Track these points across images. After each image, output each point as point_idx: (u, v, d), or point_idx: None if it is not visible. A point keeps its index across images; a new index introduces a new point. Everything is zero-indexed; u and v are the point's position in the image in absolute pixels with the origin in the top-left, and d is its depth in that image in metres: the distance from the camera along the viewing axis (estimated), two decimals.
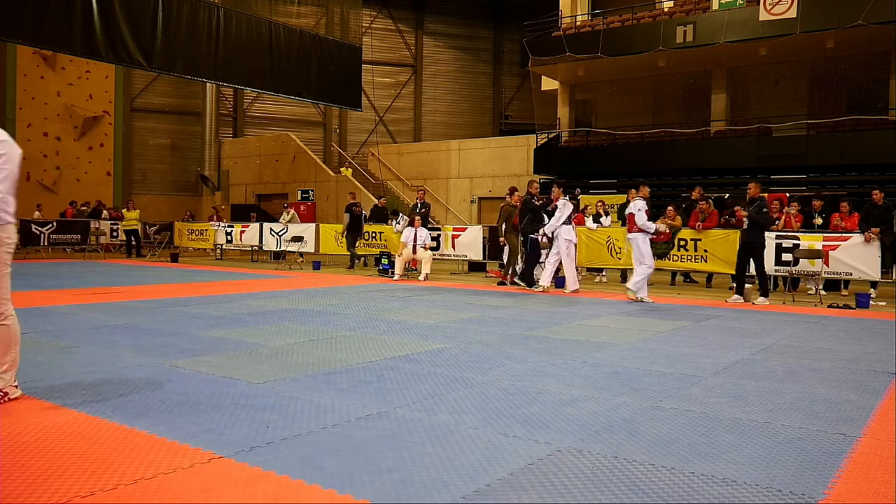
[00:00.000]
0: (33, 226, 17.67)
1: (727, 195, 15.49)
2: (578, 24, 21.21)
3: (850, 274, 10.28)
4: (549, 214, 10.69)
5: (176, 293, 9.28)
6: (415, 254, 12.47)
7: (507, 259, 11.82)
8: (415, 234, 12.43)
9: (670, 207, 11.87)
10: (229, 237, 18.53)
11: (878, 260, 10.01)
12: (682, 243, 11.51)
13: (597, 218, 13.13)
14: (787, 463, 2.82)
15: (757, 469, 2.74)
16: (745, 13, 17.08)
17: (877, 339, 6.28)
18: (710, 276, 12.06)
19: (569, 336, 6.07)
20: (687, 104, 20.94)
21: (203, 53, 16.23)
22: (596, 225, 12.79)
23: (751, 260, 9.50)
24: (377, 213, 16.12)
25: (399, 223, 14.54)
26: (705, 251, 11.29)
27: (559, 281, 10.76)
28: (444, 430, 3.19)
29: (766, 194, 16.08)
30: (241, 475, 2.57)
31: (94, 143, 24.93)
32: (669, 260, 11.60)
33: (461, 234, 14.34)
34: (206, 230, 19.31)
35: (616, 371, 4.57)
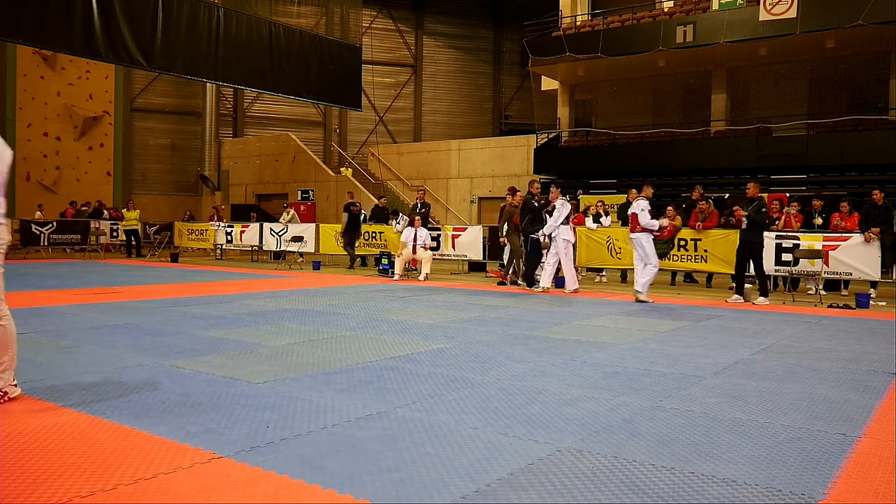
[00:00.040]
0: (33, 226, 17.66)
1: (727, 195, 15.48)
2: (578, 24, 21.21)
3: (850, 274, 10.28)
4: (548, 214, 10.69)
5: (176, 293, 9.28)
6: (415, 254, 12.47)
7: (508, 259, 11.83)
8: (415, 234, 12.43)
9: (670, 207, 11.87)
10: (229, 237, 18.53)
11: (878, 260, 10.01)
12: (682, 243, 11.51)
13: (597, 218, 13.12)
14: (787, 463, 2.82)
15: (757, 469, 2.74)
16: (745, 13, 17.08)
17: (877, 339, 6.28)
18: (709, 276, 12.06)
19: (569, 336, 6.07)
20: (687, 104, 20.94)
21: (203, 53, 16.23)
22: (596, 225, 12.79)
23: (750, 260, 9.51)
24: (378, 213, 16.11)
25: (399, 223, 14.54)
26: (705, 251, 11.29)
27: (559, 281, 10.76)
28: (444, 430, 3.19)
29: (767, 194, 16.13)
30: (241, 475, 2.58)
31: (94, 143, 24.93)
32: (669, 260, 11.60)
33: (461, 234, 14.34)
34: (206, 230, 19.31)
35: (616, 371, 4.57)
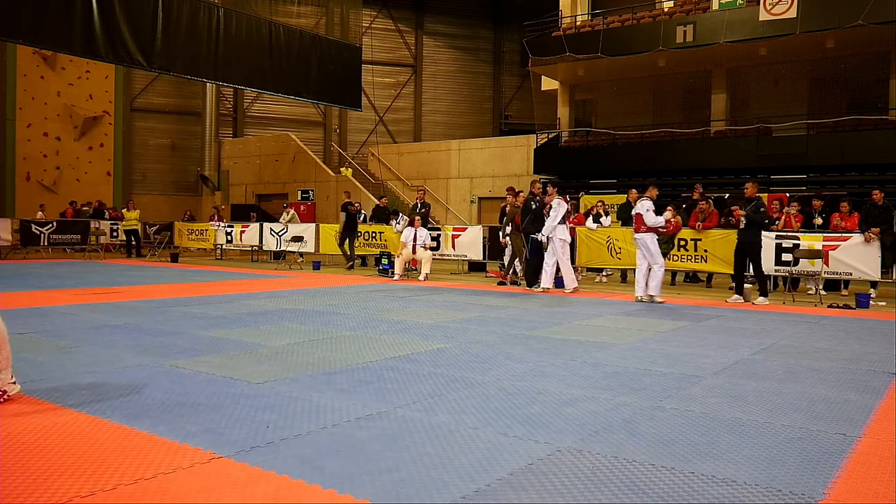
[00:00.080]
0: (33, 226, 17.66)
1: (727, 195, 15.49)
2: (578, 24, 21.20)
3: (850, 274, 10.28)
4: (546, 214, 10.67)
5: (176, 293, 9.28)
6: (414, 254, 12.47)
7: (509, 259, 11.81)
8: (415, 234, 12.43)
9: (670, 207, 11.86)
10: (229, 237, 18.53)
11: (878, 260, 10.01)
12: (682, 243, 11.51)
13: (597, 218, 13.12)
14: (787, 463, 2.82)
15: (757, 469, 2.74)
16: (745, 13, 17.07)
17: (877, 339, 6.28)
18: (709, 276, 12.06)
19: (569, 336, 6.07)
20: (687, 104, 20.93)
21: (203, 53, 16.23)
22: (596, 225, 12.78)
23: (748, 260, 9.51)
24: (379, 213, 16.11)
25: (399, 223, 14.54)
26: (705, 251, 11.29)
27: (558, 281, 10.75)
28: (444, 430, 3.19)
29: (767, 194, 16.15)
30: (241, 475, 2.58)
31: (94, 143, 24.92)
32: (670, 260, 11.58)
33: (461, 234, 14.34)
34: (206, 230, 19.31)
35: (616, 371, 4.57)
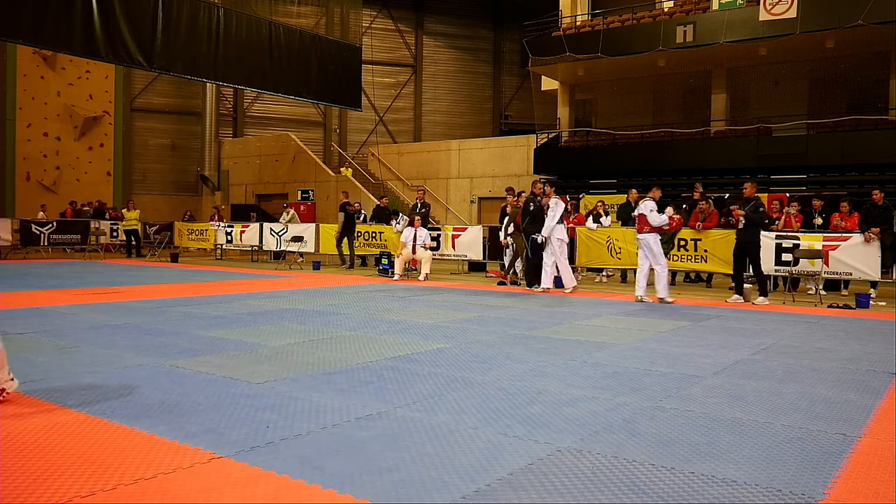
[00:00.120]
0: (33, 226, 17.66)
1: (727, 195, 15.49)
2: (578, 24, 21.20)
3: (850, 274, 10.28)
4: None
5: (176, 293, 9.28)
6: (414, 254, 12.47)
7: (511, 259, 11.79)
8: (414, 234, 12.43)
9: (670, 207, 11.85)
10: (229, 237, 18.53)
11: (878, 260, 10.01)
12: (682, 243, 11.51)
13: (597, 218, 13.12)
14: (787, 463, 2.82)
15: (757, 469, 2.74)
16: (745, 13, 17.07)
17: (877, 339, 6.28)
18: (710, 275, 12.06)
19: (569, 336, 6.07)
20: (687, 104, 20.93)
21: (203, 53, 16.22)
22: (596, 225, 12.79)
23: (747, 260, 9.51)
24: (379, 213, 16.11)
25: (399, 223, 14.54)
26: (705, 251, 11.29)
27: (558, 281, 10.75)
28: (444, 430, 3.19)
29: (767, 194, 16.15)
30: (241, 475, 2.58)
31: (94, 143, 24.92)
32: (670, 260, 11.57)
33: (461, 234, 14.34)
34: (206, 230, 19.31)
35: (616, 371, 4.57)
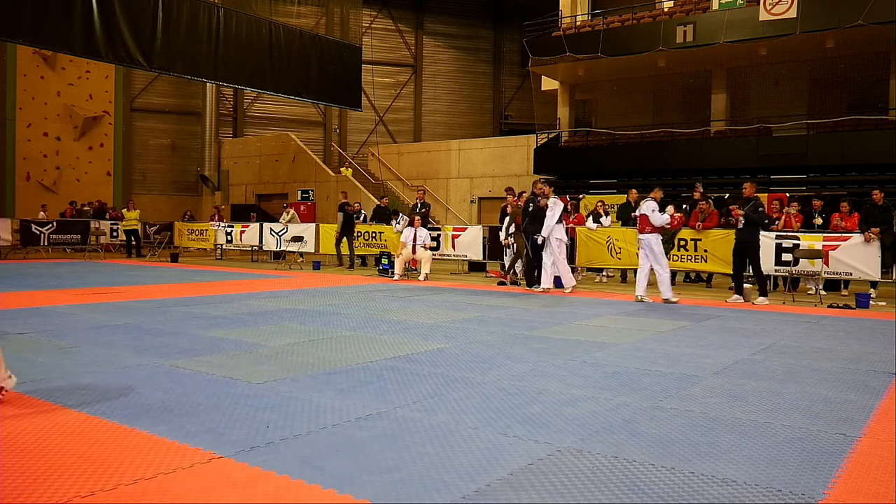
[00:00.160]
0: (33, 226, 17.66)
1: (727, 195, 15.49)
2: (578, 24, 21.20)
3: (850, 274, 10.28)
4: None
5: (176, 293, 9.28)
6: (414, 254, 12.47)
7: (512, 259, 11.77)
8: (414, 234, 12.43)
9: (671, 207, 11.85)
10: (229, 237, 18.53)
11: (878, 260, 10.01)
12: (682, 243, 11.51)
13: (597, 218, 13.12)
14: (787, 463, 2.82)
15: (757, 469, 2.74)
16: (745, 13, 17.07)
17: (877, 339, 6.28)
18: (710, 275, 12.06)
19: (569, 336, 6.07)
20: (687, 104, 20.93)
21: (203, 53, 16.22)
22: (596, 225, 12.79)
23: (747, 260, 9.51)
24: (380, 213, 16.12)
25: (399, 223, 14.54)
26: (705, 251, 11.29)
27: (557, 280, 10.74)
28: (444, 430, 3.19)
29: (767, 194, 16.15)
30: (241, 475, 2.58)
31: (94, 143, 24.92)
32: (670, 260, 11.57)
33: (461, 234, 14.34)
34: (206, 230, 19.31)
35: (616, 371, 4.57)
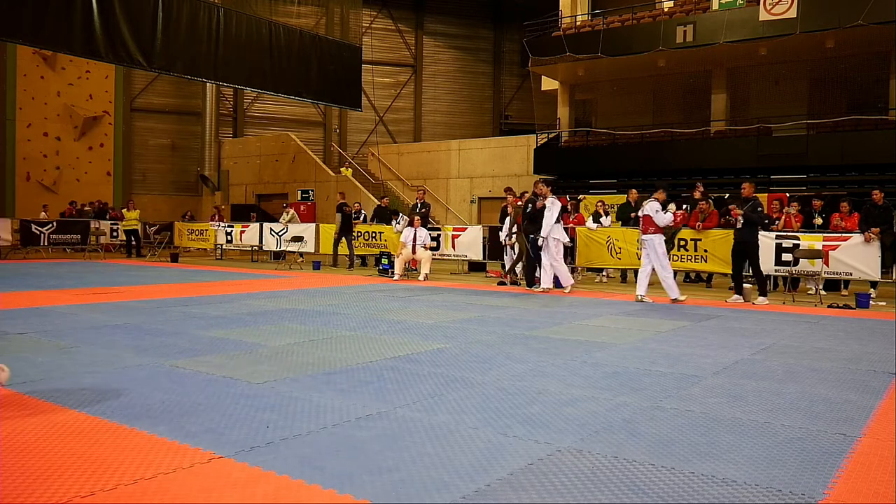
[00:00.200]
0: (33, 226, 17.66)
1: (727, 195, 15.49)
2: (578, 24, 21.20)
3: (850, 274, 10.28)
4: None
5: (176, 293, 9.28)
6: (414, 254, 12.47)
7: (515, 259, 11.74)
8: (414, 234, 12.43)
9: (672, 205, 11.85)
10: (229, 237, 18.53)
11: (878, 260, 10.01)
12: (682, 243, 11.51)
13: (597, 218, 13.13)
14: (787, 463, 2.82)
15: (757, 469, 2.74)
16: (745, 13, 17.07)
17: (877, 339, 6.28)
18: (710, 275, 12.06)
19: (569, 336, 6.07)
20: (687, 104, 20.93)
21: (203, 53, 16.23)
22: (596, 225, 12.79)
23: (746, 260, 9.51)
24: (380, 213, 16.13)
25: (399, 223, 14.55)
26: (705, 251, 11.29)
27: (557, 280, 10.73)
28: (444, 430, 3.18)
29: (767, 194, 16.16)
30: (241, 475, 2.57)
31: (94, 143, 24.93)
32: (670, 260, 11.57)
33: (461, 234, 14.34)
34: (206, 230, 19.31)
35: (616, 371, 4.57)
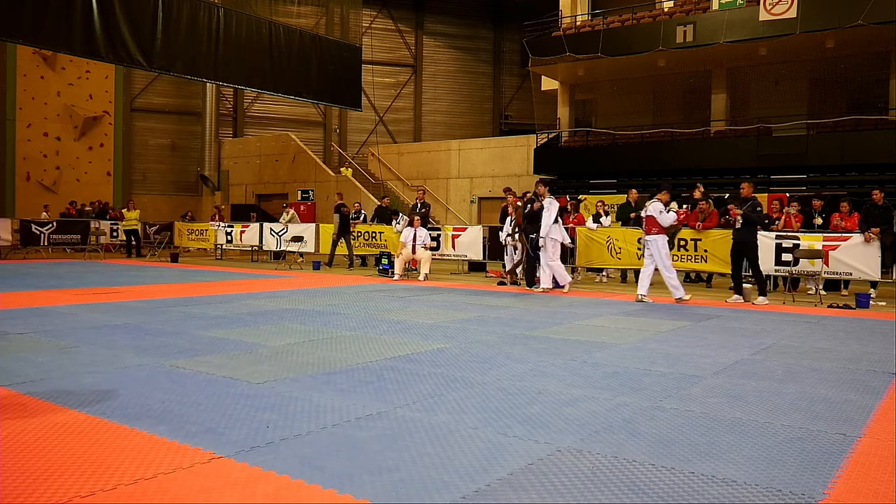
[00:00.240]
0: (33, 226, 17.66)
1: (727, 195, 15.49)
2: (578, 24, 21.21)
3: (850, 274, 10.28)
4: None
5: (176, 293, 9.28)
6: (414, 254, 12.47)
7: (518, 260, 11.74)
8: (414, 234, 12.43)
9: (674, 203, 11.84)
10: (229, 237, 18.53)
11: (878, 260, 10.01)
12: (682, 243, 11.51)
13: (597, 218, 13.13)
14: (787, 463, 2.82)
15: (757, 469, 2.74)
16: (745, 13, 17.08)
17: (877, 339, 6.28)
18: (710, 275, 12.06)
19: (569, 336, 6.07)
20: (687, 104, 20.93)
21: (203, 53, 16.23)
22: (596, 225, 12.79)
23: (745, 259, 9.51)
24: (381, 213, 16.13)
25: (399, 223, 14.55)
26: (705, 251, 11.29)
27: (555, 281, 10.72)
28: (444, 430, 3.18)
29: (767, 194, 16.15)
30: (241, 475, 2.57)
31: (94, 143, 24.93)
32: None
33: (461, 234, 14.34)
34: (206, 230, 19.31)
35: (616, 371, 4.57)
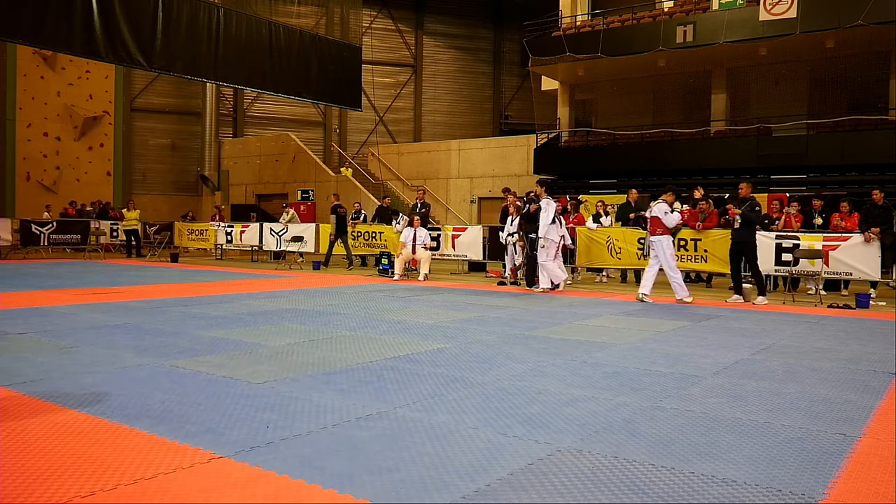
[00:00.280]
0: (33, 226, 17.66)
1: (727, 195, 15.49)
2: (578, 24, 21.21)
3: (850, 274, 10.28)
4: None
5: (176, 293, 9.28)
6: (414, 254, 12.47)
7: (521, 260, 11.73)
8: (414, 234, 12.43)
9: (676, 203, 11.82)
10: (229, 237, 18.53)
11: (878, 260, 10.00)
12: (682, 243, 11.50)
13: (597, 218, 13.13)
14: (787, 463, 2.82)
15: (757, 469, 2.74)
16: (745, 13, 17.08)
17: (877, 339, 6.28)
18: (710, 275, 12.06)
19: (569, 336, 6.07)
20: (687, 104, 20.93)
21: (203, 53, 16.23)
22: (596, 225, 12.79)
23: (743, 259, 9.52)
24: (382, 213, 16.14)
25: (399, 223, 14.55)
26: (705, 251, 11.29)
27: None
28: (444, 430, 3.18)
29: (767, 194, 16.16)
30: (241, 475, 2.58)
31: (94, 143, 24.93)
32: None
33: (461, 234, 14.34)
34: (206, 230, 19.31)
35: (616, 371, 4.57)
